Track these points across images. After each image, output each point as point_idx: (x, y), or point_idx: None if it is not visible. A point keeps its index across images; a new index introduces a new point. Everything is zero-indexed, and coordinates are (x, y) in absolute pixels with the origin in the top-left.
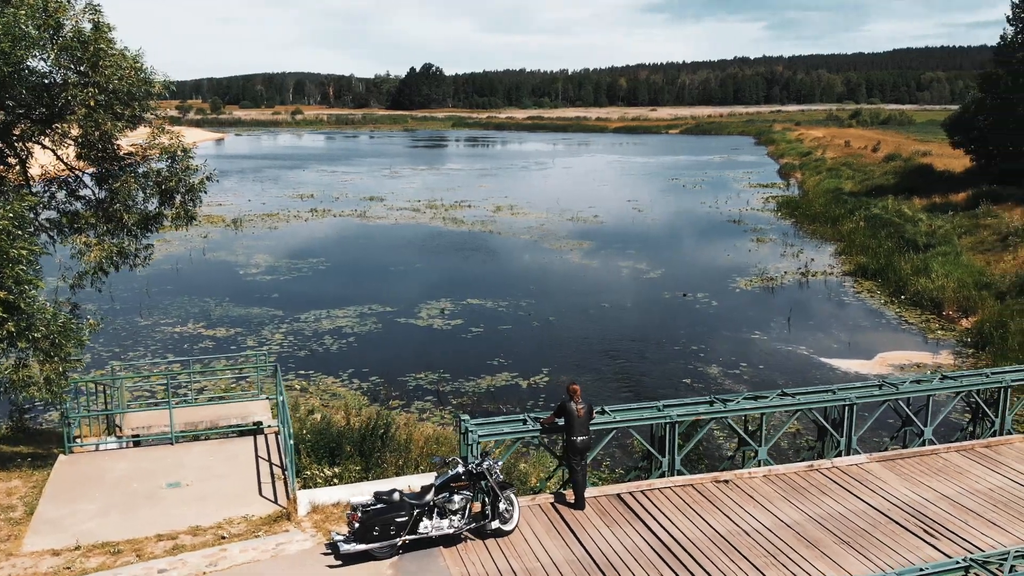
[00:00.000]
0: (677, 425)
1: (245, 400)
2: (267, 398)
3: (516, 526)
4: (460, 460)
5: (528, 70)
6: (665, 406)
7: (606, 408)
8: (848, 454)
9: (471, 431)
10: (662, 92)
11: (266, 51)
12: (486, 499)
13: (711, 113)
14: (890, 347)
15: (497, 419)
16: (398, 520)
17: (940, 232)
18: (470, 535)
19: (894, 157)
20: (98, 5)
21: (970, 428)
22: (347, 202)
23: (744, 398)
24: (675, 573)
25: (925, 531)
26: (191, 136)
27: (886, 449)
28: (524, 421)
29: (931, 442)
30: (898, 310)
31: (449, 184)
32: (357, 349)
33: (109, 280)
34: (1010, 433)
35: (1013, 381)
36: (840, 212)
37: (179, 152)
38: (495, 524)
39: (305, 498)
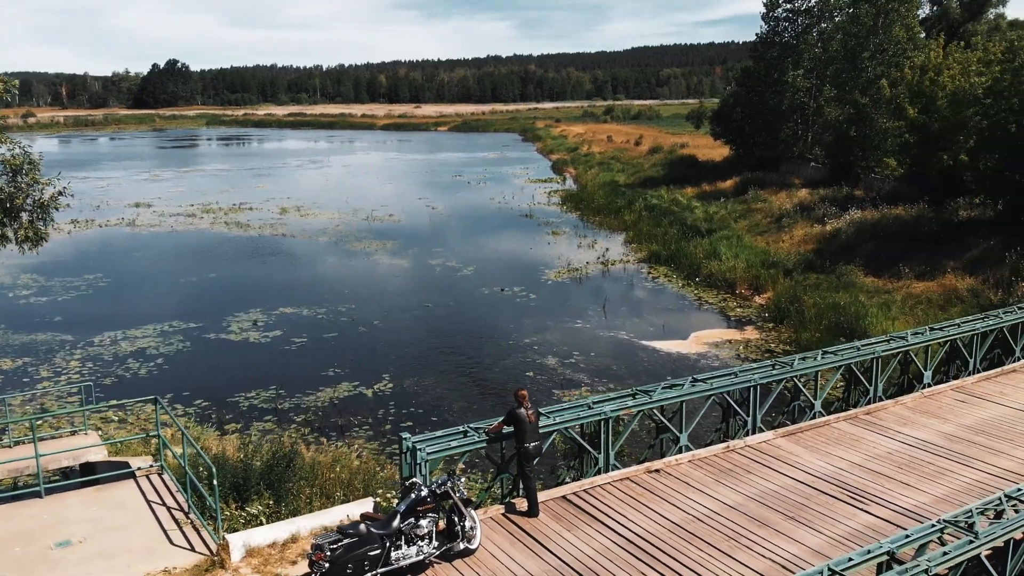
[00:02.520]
0: (610, 421)
1: (63, 437)
2: (97, 431)
3: (480, 543)
4: (418, 482)
5: (280, 66)
6: (595, 403)
7: (540, 411)
8: (755, 432)
9: (420, 449)
10: (423, 89)
11: None
12: (454, 518)
13: (474, 110)
14: (700, 326)
15: (437, 433)
16: (371, 554)
17: (717, 217)
18: (436, 560)
19: (657, 150)
20: None
21: (846, 396)
22: (111, 210)
23: (662, 388)
24: (655, 570)
25: (852, 498)
26: None
27: (778, 425)
28: (464, 433)
29: (820, 414)
30: (696, 292)
31: (221, 186)
32: (170, 371)
33: None
34: (881, 399)
35: (882, 352)
36: (621, 204)
37: (25, 165)
38: (462, 544)
39: (238, 541)
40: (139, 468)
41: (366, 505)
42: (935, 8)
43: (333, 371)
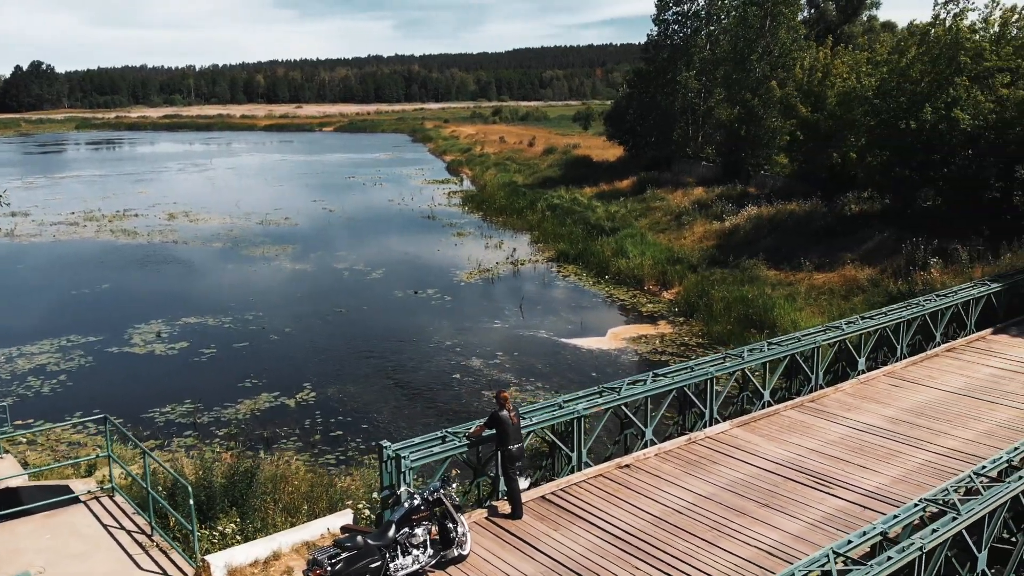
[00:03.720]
0: (582, 419)
1: None
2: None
3: (470, 548)
4: (407, 490)
5: (151, 66)
6: (566, 402)
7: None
8: (711, 424)
9: (404, 457)
10: (303, 89)
11: None
12: (447, 525)
13: (359, 111)
14: (615, 323)
15: (415, 440)
16: (372, 567)
17: (619, 216)
18: (431, 568)
19: (552, 150)
20: None
21: (788, 385)
22: None
23: (627, 384)
24: (648, 564)
25: (818, 483)
26: None
27: (731, 416)
28: (444, 438)
29: (769, 403)
30: (607, 289)
31: (101, 192)
32: (76, 388)
33: None
34: (822, 387)
35: (823, 341)
36: (523, 204)
37: None
38: (456, 551)
39: (219, 561)
40: (88, 491)
41: (345, 517)
42: (813, 11)
43: (250, 382)
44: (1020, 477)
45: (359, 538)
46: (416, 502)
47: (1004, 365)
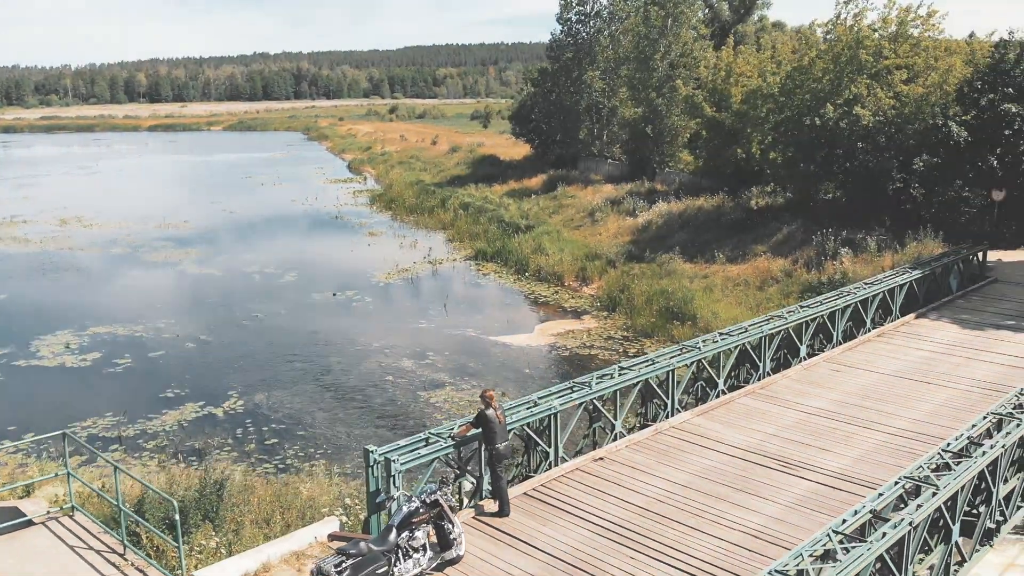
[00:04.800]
0: (558, 415)
1: None
2: None
3: (465, 548)
4: (404, 493)
5: (24, 66)
6: (540, 399)
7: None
8: (674, 414)
9: (393, 460)
10: (187, 88)
11: None
12: (445, 526)
13: (248, 109)
14: (541, 319)
15: (401, 443)
16: (379, 572)
17: (532, 214)
18: (432, 571)
19: (457, 149)
20: None
21: (737, 374)
22: None
23: (596, 379)
24: (642, 553)
25: (785, 466)
26: None
27: (687, 406)
28: (427, 440)
29: (724, 392)
30: (529, 286)
31: None
32: None
33: None
34: (770, 374)
35: (770, 330)
36: (434, 202)
37: None
38: (453, 552)
39: None
40: (48, 511)
41: (332, 525)
42: (707, 11)
43: (172, 392)
44: (983, 452)
45: (362, 544)
46: (415, 505)
47: (931, 348)
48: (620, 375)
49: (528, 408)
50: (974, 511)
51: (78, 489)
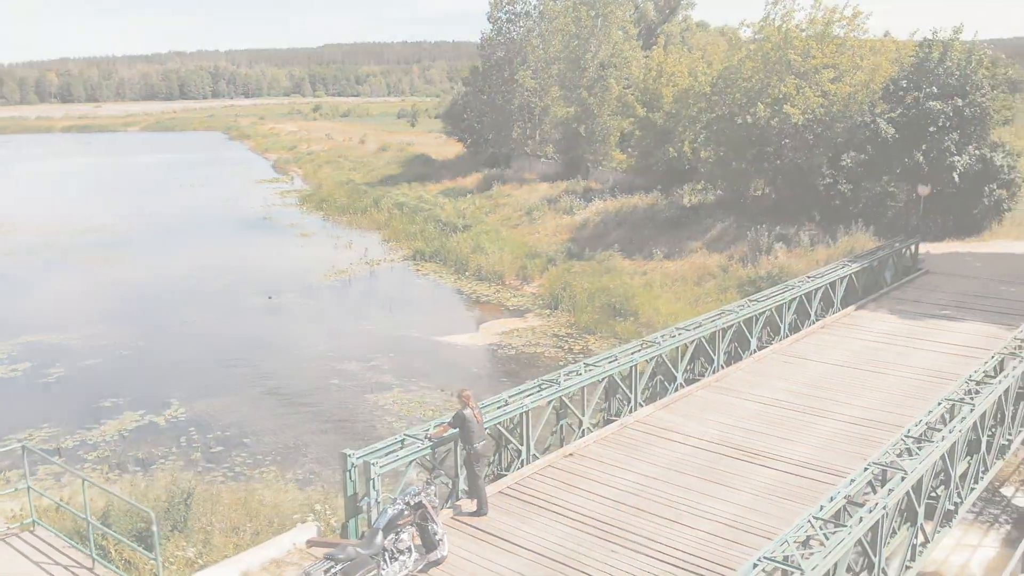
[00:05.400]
0: (529, 413)
1: None
2: None
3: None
4: (388, 496)
5: None
6: (511, 397)
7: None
8: (636, 408)
9: (373, 464)
10: (101, 88)
11: None
12: (428, 527)
13: (164, 109)
14: (485, 319)
15: (377, 446)
16: None
17: (469, 213)
18: (416, 573)
19: (387, 148)
20: None
21: (692, 367)
22: None
23: (563, 376)
24: (622, 546)
25: (749, 456)
26: None
27: (648, 400)
28: (403, 442)
29: (682, 385)
30: (469, 285)
31: None
32: None
33: None
34: (723, 367)
35: (723, 325)
36: (366, 202)
37: None
38: (438, 553)
39: None
40: (8, 528)
41: (309, 531)
42: (633, 11)
43: (110, 401)
44: (943, 437)
45: (350, 548)
46: (400, 507)
47: (873, 338)
48: (587, 371)
49: (499, 407)
50: (934, 494)
51: (37, 503)
